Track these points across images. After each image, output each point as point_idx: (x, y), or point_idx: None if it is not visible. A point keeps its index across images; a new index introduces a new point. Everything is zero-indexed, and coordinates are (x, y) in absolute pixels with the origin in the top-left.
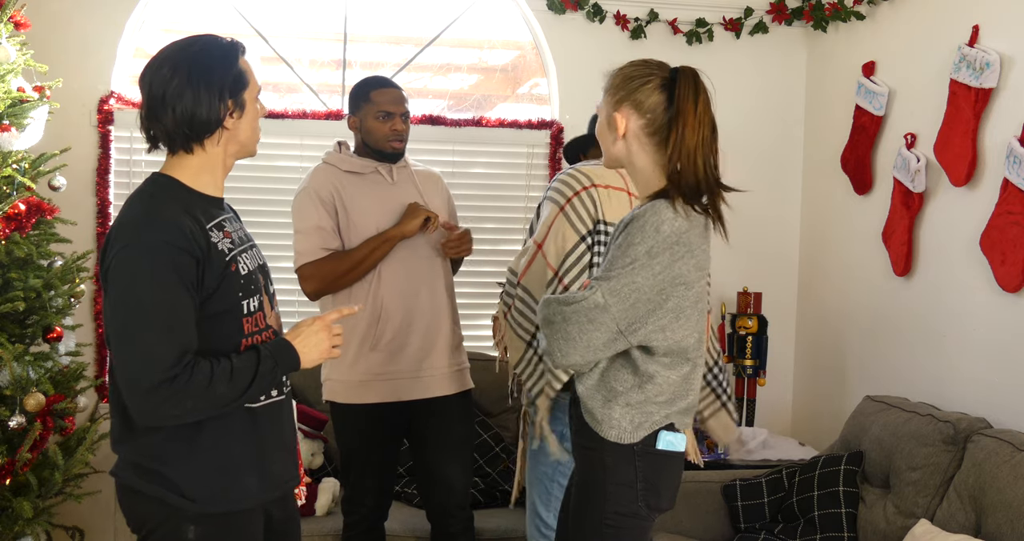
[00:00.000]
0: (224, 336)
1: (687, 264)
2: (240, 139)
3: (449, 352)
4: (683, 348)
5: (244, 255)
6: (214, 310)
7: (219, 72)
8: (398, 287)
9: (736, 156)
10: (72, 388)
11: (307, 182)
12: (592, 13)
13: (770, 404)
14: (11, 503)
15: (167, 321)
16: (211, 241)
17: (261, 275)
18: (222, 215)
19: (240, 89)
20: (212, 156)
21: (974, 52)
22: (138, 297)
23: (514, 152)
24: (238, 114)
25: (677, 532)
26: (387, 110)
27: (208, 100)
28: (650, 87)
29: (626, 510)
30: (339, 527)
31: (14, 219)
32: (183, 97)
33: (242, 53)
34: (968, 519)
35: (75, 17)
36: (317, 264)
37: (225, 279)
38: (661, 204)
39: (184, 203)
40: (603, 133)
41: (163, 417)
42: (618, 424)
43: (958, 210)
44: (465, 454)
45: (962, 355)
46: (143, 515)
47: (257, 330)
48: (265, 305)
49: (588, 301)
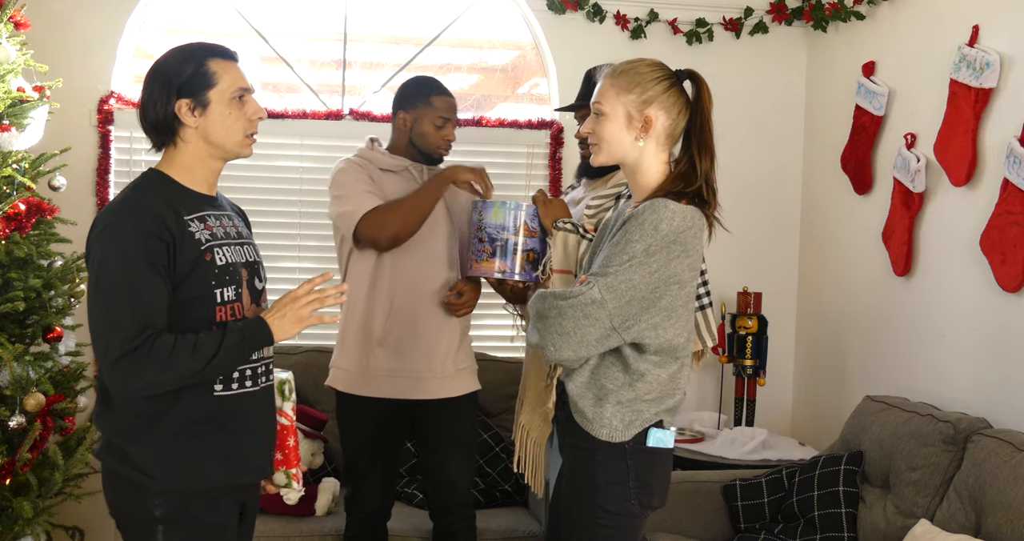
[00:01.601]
0: (195, 321)
1: (682, 264)
2: (211, 139)
3: (456, 353)
4: (673, 346)
5: (225, 248)
6: (186, 295)
7: (174, 71)
8: (409, 286)
9: (736, 156)
10: (72, 388)
11: (344, 163)
12: (592, 13)
13: (770, 404)
14: (11, 503)
15: (131, 298)
16: (187, 230)
17: (245, 270)
18: (207, 210)
19: (200, 88)
20: (190, 154)
21: (974, 52)
22: (107, 276)
23: (514, 152)
24: (200, 112)
25: (677, 532)
26: (446, 117)
27: (159, 96)
28: (676, 89)
29: (619, 509)
30: (339, 527)
31: (14, 219)
32: (143, 94)
33: (219, 56)
34: (968, 519)
35: (75, 17)
36: (374, 214)
37: (197, 267)
38: (660, 203)
39: (166, 195)
40: (615, 131)
41: (131, 387)
42: (609, 423)
43: (958, 210)
44: (469, 454)
45: (962, 355)
46: (114, 493)
47: (232, 320)
48: (244, 297)
49: (584, 296)
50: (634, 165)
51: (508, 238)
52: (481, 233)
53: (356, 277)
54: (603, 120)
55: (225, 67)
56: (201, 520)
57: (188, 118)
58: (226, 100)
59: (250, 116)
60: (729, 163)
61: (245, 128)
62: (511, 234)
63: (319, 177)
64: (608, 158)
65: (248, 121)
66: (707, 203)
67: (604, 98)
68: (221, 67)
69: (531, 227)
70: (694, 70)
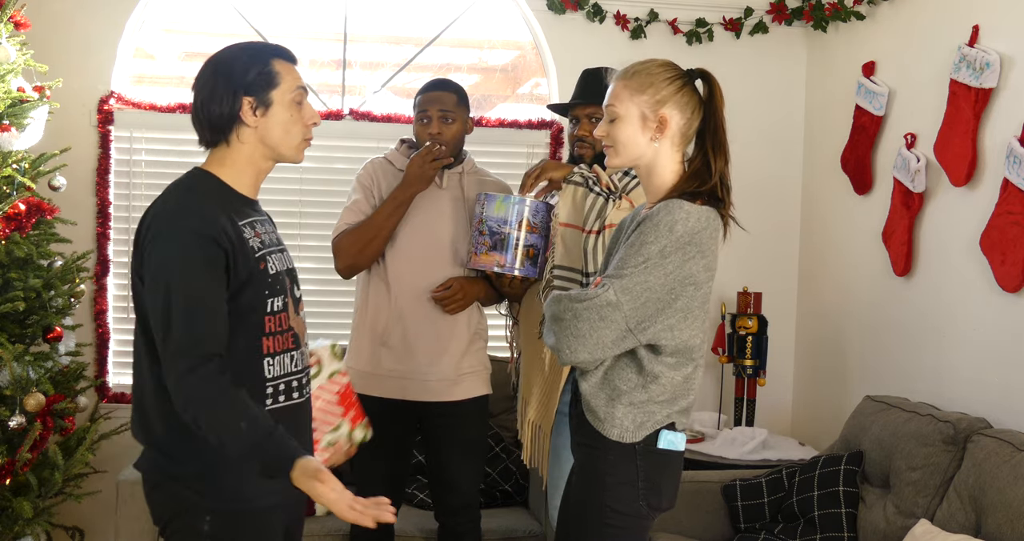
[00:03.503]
0: (246, 331)
1: (697, 265)
2: (269, 140)
3: (464, 356)
4: (689, 348)
5: (273, 256)
6: (241, 304)
7: (240, 69)
8: (413, 287)
9: (736, 156)
10: (72, 388)
11: (361, 169)
12: (592, 13)
13: (770, 404)
14: (11, 503)
15: (211, 302)
16: (243, 236)
17: (288, 278)
18: (254, 216)
19: (264, 88)
20: (243, 155)
21: (974, 52)
22: (183, 281)
23: (514, 152)
24: (261, 112)
25: (677, 532)
26: (424, 110)
27: (223, 93)
28: (688, 88)
29: (627, 509)
30: (339, 527)
31: (14, 219)
32: (203, 90)
33: (282, 57)
34: (968, 519)
35: (75, 17)
36: (342, 236)
37: (253, 275)
38: (675, 204)
39: (218, 198)
40: (631, 132)
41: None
42: (620, 423)
43: (958, 210)
44: (474, 457)
45: (962, 355)
46: (162, 506)
47: (280, 330)
48: (289, 307)
49: (600, 298)
50: (649, 166)
51: (509, 232)
52: (482, 226)
53: (364, 277)
54: (618, 123)
55: (287, 68)
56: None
57: (250, 117)
58: (287, 102)
59: (307, 120)
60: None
61: (304, 132)
62: (512, 229)
63: (319, 177)
64: (624, 160)
65: (305, 126)
66: (722, 202)
67: (617, 100)
68: (284, 68)
69: (533, 223)
70: (705, 69)
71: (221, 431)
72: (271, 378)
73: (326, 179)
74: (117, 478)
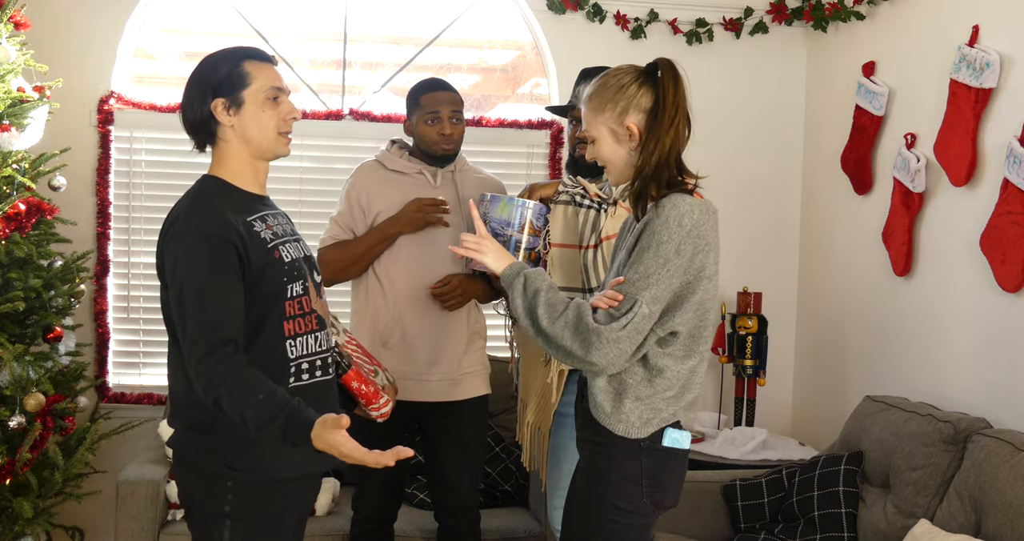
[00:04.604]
0: (269, 315)
1: (708, 257)
2: (247, 137)
3: (464, 357)
4: (696, 339)
5: (287, 245)
6: (261, 291)
7: (211, 72)
8: (412, 287)
9: (736, 156)
10: (72, 388)
11: (356, 170)
12: (592, 13)
13: (770, 404)
14: (11, 503)
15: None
16: (253, 230)
17: (306, 265)
18: (264, 210)
19: (235, 88)
20: (232, 154)
21: (974, 52)
22: (194, 278)
23: (514, 152)
24: (234, 111)
25: (677, 532)
26: (434, 111)
27: (196, 96)
28: (647, 86)
29: (631, 506)
30: (339, 527)
31: (14, 219)
32: (184, 96)
33: (254, 58)
34: (968, 519)
35: (75, 17)
36: (326, 250)
37: (268, 264)
38: (677, 198)
39: (226, 198)
40: (610, 150)
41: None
42: (627, 419)
43: (958, 210)
44: (472, 458)
45: (962, 355)
46: (188, 484)
47: (301, 313)
48: (311, 291)
49: (637, 317)
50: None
51: (512, 234)
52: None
53: (364, 277)
54: (596, 144)
55: (260, 68)
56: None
57: (223, 117)
58: (260, 100)
59: (284, 115)
60: (729, 163)
61: (278, 126)
62: (515, 231)
63: (319, 177)
64: (620, 176)
65: (281, 120)
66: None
67: (588, 125)
68: (255, 68)
69: (535, 225)
70: (660, 59)
71: (242, 404)
72: (294, 358)
73: (326, 179)
74: (117, 478)
